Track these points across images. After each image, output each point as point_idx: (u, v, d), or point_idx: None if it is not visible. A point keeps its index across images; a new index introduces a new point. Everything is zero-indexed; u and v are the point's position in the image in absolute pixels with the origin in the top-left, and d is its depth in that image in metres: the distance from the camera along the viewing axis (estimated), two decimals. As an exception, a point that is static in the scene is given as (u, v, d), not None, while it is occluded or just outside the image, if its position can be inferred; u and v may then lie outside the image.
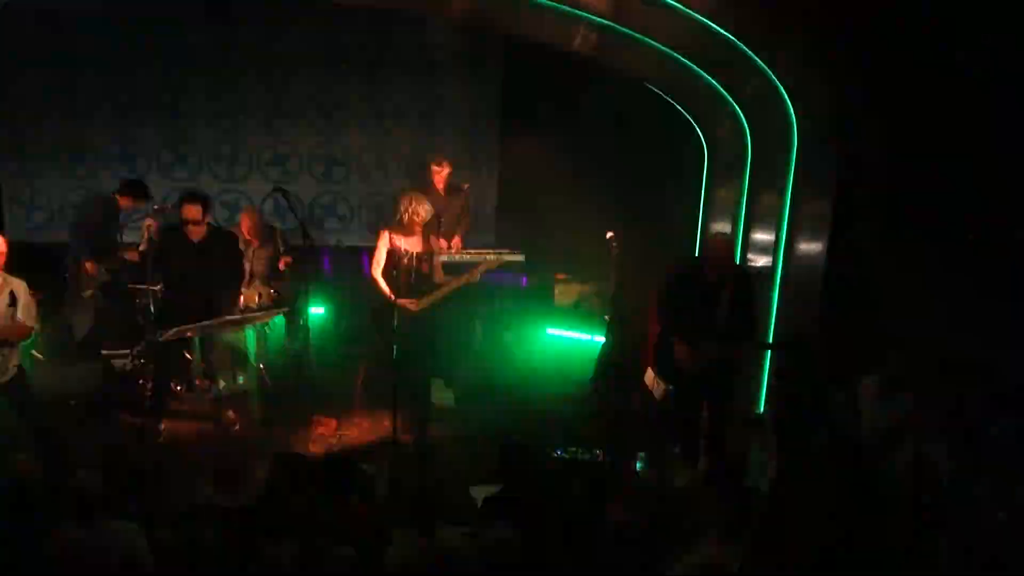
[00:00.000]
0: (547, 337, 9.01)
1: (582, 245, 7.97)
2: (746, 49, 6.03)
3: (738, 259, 7.16)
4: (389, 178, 9.48)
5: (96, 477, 4.22)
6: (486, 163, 9.52)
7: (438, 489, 4.38)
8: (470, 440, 6.49)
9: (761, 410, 6.70)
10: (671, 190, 8.30)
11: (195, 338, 5.60)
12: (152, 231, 6.04)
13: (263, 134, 9.28)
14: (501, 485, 4.74)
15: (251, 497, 4.52)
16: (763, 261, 6.87)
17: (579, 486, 4.30)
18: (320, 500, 4.08)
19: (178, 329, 5.61)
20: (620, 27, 6.57)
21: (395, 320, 5.95)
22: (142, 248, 6.12)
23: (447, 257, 7.19)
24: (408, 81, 9.27)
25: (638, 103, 8.08)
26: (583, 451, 6.21)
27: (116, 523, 4.21)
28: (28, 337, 5.46)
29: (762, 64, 6.11)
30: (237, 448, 6.12)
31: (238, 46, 9.02)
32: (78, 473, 4.25)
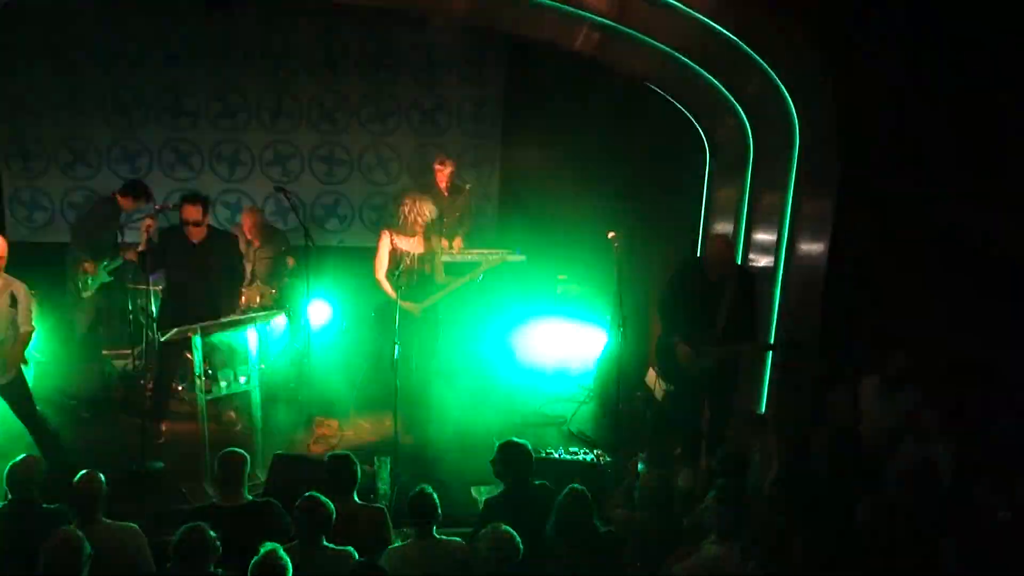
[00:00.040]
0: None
1: (583, 245, 7.96)
2: (748, 49, 6.02)
3: (740, 259, 7.14)
4: (391, 178, 9.49)
5: (97, 477, 4.21)
6: (487, 163, 9.52)
7: (438, 489, 4.36)
8: (470, 440, 6.48)
9: (762, 410, 6.69)
10: (672, 190, 8.29)
11: (196, 338, 5.60)
12: (151, 232, 6.03)
13: (265, 134, 9.29)
14: (501, 486, 4.73)
15: (251, 497, 4.52)
16: (765, 261, 6.86)
17: (579, 486, 4.28)
18: (320, 500, 4.07)
19: (179, 329, 5.62)
20: (621, 27, 6.56)
21: (397, 320, 5.95)
22: (140, 249, 6.11)
23: (449, 257, 7.19)
24: (410, 81, 9.28)
25: (639, 103, 8.07)
26: (583, 451, 6.20)
27: (116, 523, 4.22)
28: (28, 342, 5.62)
29: (764, 63, 6.10)
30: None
31: (240, 46, 9.02)
32: (79, 473, 4.23)
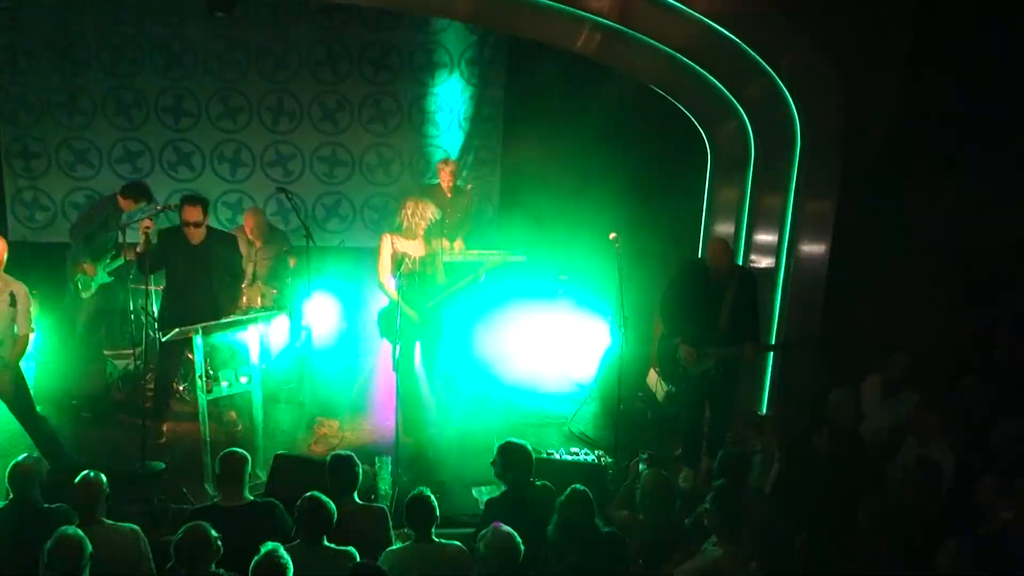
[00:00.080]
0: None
1: (584, 246, 7.95)
2: (749, 50, 6.02)
3: (741, 260, 7.14)
4: (392, 178, 9.48)
5: (98, 477, 4.21)
6: (488, 163, 9.52)
7: (439, 490, 4.36)
8: (471, 440, 6.48)
9: (763, 411, 6.69)
10: (674, 190, 8.28)
11: (197, 338, 5.61)
12: (149, 233, 6.03)
13: (266, 134, 9.28)
14: (502, 486, 4.73)
15: (252, 497, 4.52)
16: (766, 262, 6.86)
17: (580, 487, 4.28)
18: (321, 500, 4.07)
19: (180, 329, 5.62)
20: (623, 28, 6.56)
21: (398, 322, 5.95)
22: (139, 250, 6.11)
23: (450, 258, 7.18)
24: (411, 81, 9.28)
25: (641, 104, 8.06)
26: (584, 452, 6.20)
27: (116, 523, 4.22)
28: (26, 345, 5.65)
29: (766, 65, 6.09)
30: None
31: (242, 46, 9.02)
32: (80, 473, 4.24)
